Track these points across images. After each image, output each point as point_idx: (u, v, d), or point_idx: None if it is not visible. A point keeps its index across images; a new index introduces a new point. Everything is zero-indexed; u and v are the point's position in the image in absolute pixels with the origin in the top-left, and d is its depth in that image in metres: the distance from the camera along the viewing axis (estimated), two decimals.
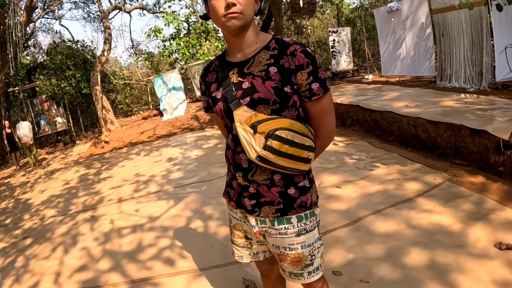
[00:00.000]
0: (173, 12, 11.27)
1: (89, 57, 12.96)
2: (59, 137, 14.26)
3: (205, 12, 1.51)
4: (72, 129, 13.26)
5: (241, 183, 1.50)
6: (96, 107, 11.64)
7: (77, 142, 12.76)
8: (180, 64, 12.61)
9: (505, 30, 6.13)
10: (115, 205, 5.14)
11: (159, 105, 13.23)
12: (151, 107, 14.61)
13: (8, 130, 10.32)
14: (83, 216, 4.98)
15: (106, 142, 10.65)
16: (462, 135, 4.51)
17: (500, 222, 2.97)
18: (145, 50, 16.29)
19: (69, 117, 13.09)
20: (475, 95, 6.24)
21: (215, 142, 8.07)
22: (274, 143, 1.31)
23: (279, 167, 1.39)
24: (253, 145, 1.34)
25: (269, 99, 1.38)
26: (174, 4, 20.43)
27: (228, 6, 1.32)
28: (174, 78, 12.25)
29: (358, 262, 2.75)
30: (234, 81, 1.44)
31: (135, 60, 14.28)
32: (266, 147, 1.31)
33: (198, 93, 12.95)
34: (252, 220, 1.56)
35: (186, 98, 12.57)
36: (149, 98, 15.07)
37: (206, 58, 11.47)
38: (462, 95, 6.37)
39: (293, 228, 1.51)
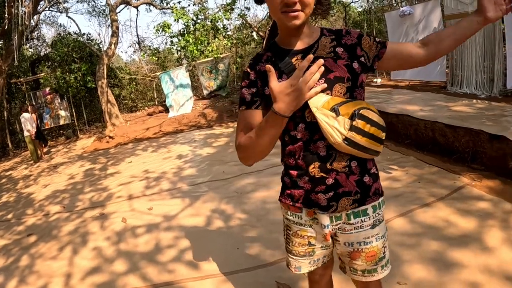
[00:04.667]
0: (183, 8, 11.17)
1: (95, 50, 12.84)
2: (61, 131, 14.13)
3: None
4: (76, 123, 13.14)
5: (316, 175, 1.42)
6: (101, 101, 11.53)
7: (80, 136, 12.65)
8: (187, 61, 12.51)
9: None
10: (125, 202, 5.04)
11: (164, 101, 13.16)
12: (156, 103, 14.50)
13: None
14: (91, 213, 4.86)
15: (110, 137, 10.55)
16: (480, 140, 4.53)
17: None
18: (150, 46, 16.22)
19: (73, 110, 12.97)
20: (486, 102, 6.27)
21: (225, 140, 8.01)
22: (360, 123, 1.31)
23: (362, 149, 1.36)
24: (338, 128, 1.31)
25: (343, 77, 1.39)
26: (183, 0, 20.34)
27: (288, 4, 1.27)
28: (181, 74, 12.19)
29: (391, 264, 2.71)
30: None
31: (142, 55, 14.18)
32: (352, 128, 1.30)
33: (206, 90, 12.88)
34: (325, 219, 1.49)
35: (193, 96, 12.50)
36: (155, 94, 14.96)
37: (215, 55, 11.38)
38: (474, 101, 6.42)
39: (369, 220, 1.51)
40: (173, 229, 3.92)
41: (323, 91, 1.35)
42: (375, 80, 10.57)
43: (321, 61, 1.22)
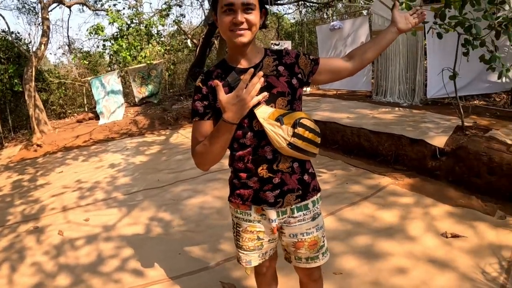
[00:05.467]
0: (118, 11, 10.85)
1: (23, 51, 12.02)
2: None
3: (212, 20, 1.67)
4: (0, 130, 12.27)
5: (264, 176, 1.65)
6: (29, 106, 10.82)
7: (5, 144, 11.82)
8: (119, 66, 12.17)
9: (438, 53, 6.81)
10: (60, 214, 4.87)
11: (94, 107, 12.68)
12: (86, 110, 13.92)
13: None
14: (25, 227, 4.61)
15: (38, 145, 10.02)
16: (402, 144, 5.05)
17: (439, 216, 3.62)
18: (81, 48, 15.54)
19: None
20: (408, 109, 6.86)
21: (158, 148, 7.96)
22: (300, 130, 1.54)
23: (303, 152, 1.59)
24: (283, 135, 1.54)
25: (285, 91, 1.63)
26: (119, 2, 19.61)
27: (236, 23, 1.48)
28: (113, 80, 11.81)
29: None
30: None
31: (73, 58, 13.54)
32: (294, 134, 1.53)
33: (137, 97, 12.61)
34: (273, 214, 1.72)
35: (125, 102, 12.20)
36: (85, 100, 14.33)
37: (148, 62, 11.22)
38: (397, 109, 6.98)
39: (310, 213, 1.77)
40: (113, 239, 3.90)
41: (268, 103, 1.58)
42: (304, 89, 10.97)
43: (261, 73, 1.43)
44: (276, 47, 11.59)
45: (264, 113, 1.55)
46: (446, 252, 2.99)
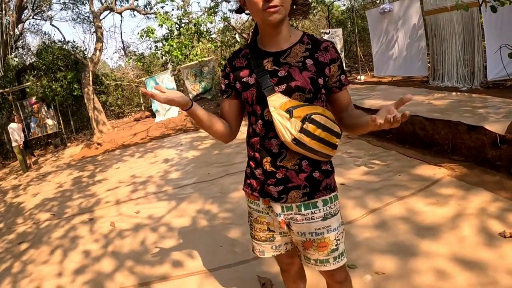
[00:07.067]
0: (166, 13, 11.15)
1: (80, 58, 12.77)
2: (49, 140, 14.06)
3: (238, 5, 1.57)
4: (63, 131, 13.08)
5: (268, 169, 1.53)
6: (88, 108, 11.48)
7: (68, 144, 12.61)
8: (172, 65, 12.50)
9: (496, 31, 6.26)
10: (113, 207, 5.09)
11: (151, 106, 13.13)
12: (143, 109, 14.46)
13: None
14: (80, 218, 4.90)
15: (98, 144, 10.54)
16: (459, 132, 4.64)
17: (498, 212, 3.13)
18: (135, 51, 16.16)
19: (60, 119, 12.89)
20: (467, 94, 6.39)
21: (211, 142, 8.05)
22: (310, 127, 1.39)
23: (311, 151, 1.44)
24: (289, 129, 1.40)
25: (305, 88, 1.46)
26: (167, 5, 20.22)
27: (268, 0, 1.36)
28: (166, 79, 12.18)
29: (368, 255, 2.79)
30: (269, 69, 1.50)
31: (127, 61, 14.13)
32: (302, 130, 1.39)
33: (191, 94, 12.87)
34: (277, 208, 1.59)
35: None
36: (141, 100, 14.90)
37: (200, 59, 11.40)
38: (455, 94, 6.53)
39: (319, 212, 1.57)
40: (159, 230, 3.99)
41: (283, 94, 1.46)
42: (358, 77, 10.69)
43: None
44: (326, 36, 11.34)
45: (277, 102, 1.44)
46: (502, 254, 2.60)
